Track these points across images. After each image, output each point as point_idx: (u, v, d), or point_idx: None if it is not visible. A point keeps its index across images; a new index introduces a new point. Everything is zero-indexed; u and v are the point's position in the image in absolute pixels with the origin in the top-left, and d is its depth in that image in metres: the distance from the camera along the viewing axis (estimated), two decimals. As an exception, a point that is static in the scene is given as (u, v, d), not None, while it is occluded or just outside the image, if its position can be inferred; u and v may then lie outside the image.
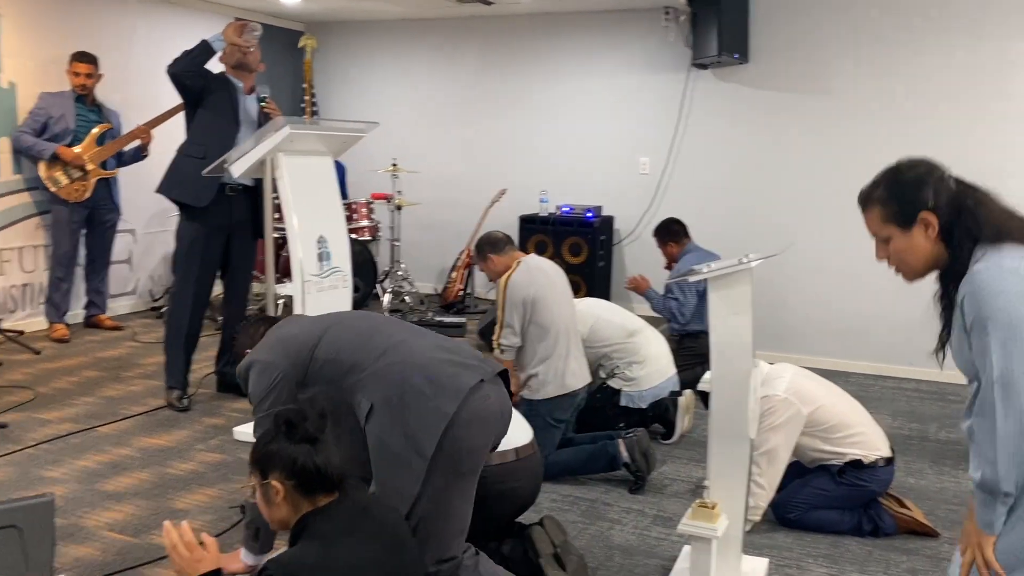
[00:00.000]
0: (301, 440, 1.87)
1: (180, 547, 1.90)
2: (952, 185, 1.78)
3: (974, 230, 1.71)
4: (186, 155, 4.15)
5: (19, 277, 5.61)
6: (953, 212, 1.74)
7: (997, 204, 1.76)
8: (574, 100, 6.83)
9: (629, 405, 4.09)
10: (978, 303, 1.64)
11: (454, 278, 6.81)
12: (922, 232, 1.78)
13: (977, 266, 1.68)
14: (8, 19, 5.41)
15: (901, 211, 1.80)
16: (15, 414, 4.09)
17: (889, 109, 5.64)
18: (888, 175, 1.87)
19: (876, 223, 1.88)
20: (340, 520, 1.85)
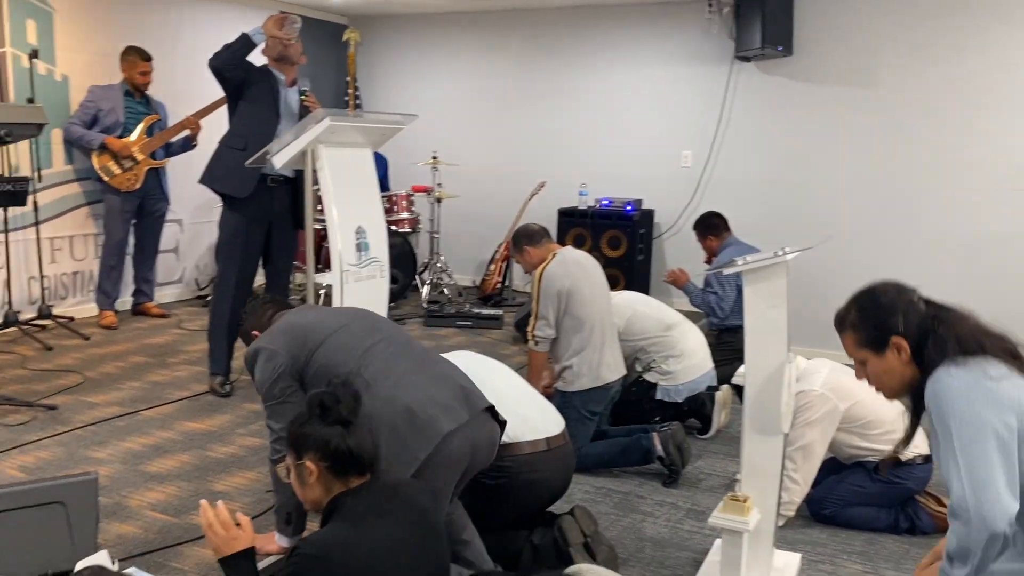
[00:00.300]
0: (334, 422, 1.90)
1: (216, 526, 1.95)
2: (922, 308, 1.86)
3: (941, 352, 1.78)
4: (228, 146, 4.22)
5: (70, 265, 5.77)
6: (922, 335, 1.81)
7: (969, 323, 1.82)
8: (615, 93, 6.81)
9: (665, 399, 4.08)
10: (938, 406, 1.72)
11: (492, 270, 6.84)
12: (895, 355, 1.86)
13: (939, 371, 1.75)
14: (61, 14, 5.56)
15: (873, 337, 1.89)
16: (64, 397, 4.22)
17: (934, 102, 5.53)
18: (859, 300, 1.96)
19: (851, 347, 1.95)
20: (371, 501, 1.88)
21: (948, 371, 1.75)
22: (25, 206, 4.49)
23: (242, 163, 4.04)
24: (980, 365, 1.73)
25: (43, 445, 3.62)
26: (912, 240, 5.64)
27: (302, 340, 2.50)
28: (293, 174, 4.28)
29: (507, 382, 3.01)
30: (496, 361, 3.14)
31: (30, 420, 3.88)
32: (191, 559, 2.73)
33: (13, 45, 5.29)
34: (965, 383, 1.70)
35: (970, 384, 1.70)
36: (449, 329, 5.98)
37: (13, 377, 4.49)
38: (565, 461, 2.93)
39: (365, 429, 1.95)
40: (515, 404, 2.90)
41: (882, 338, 1.87)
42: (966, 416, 1.68)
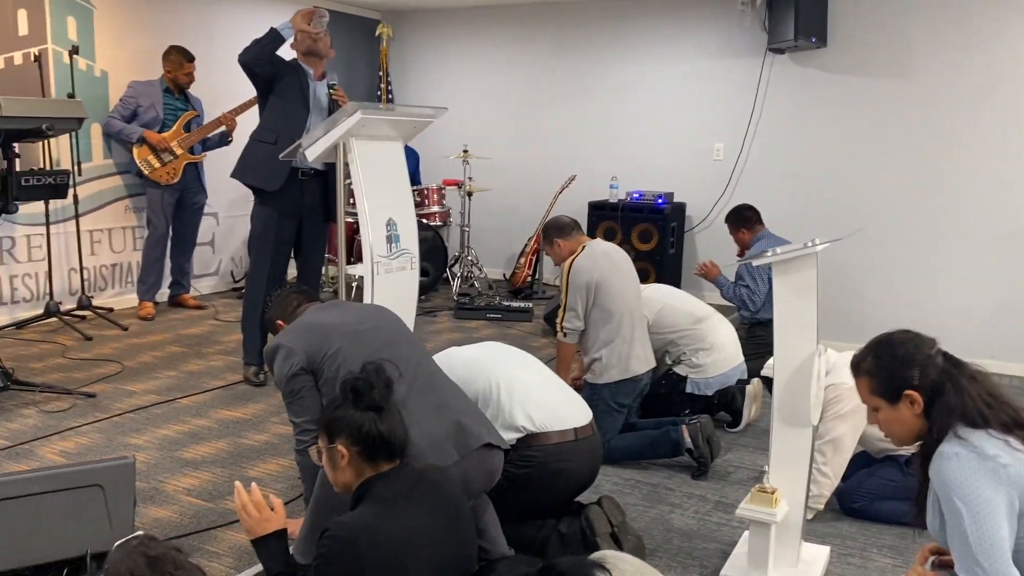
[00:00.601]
0: (367, 408, 1.93)
1: (249, 507, 2.00)
2: (939, 362, 1.85)
3: (951, 414, 1.80)
4: (258, 140, 4.28)
5: (109, 257, 5.90)
6: (937, 393, 1.82)
7: (982, 385, 1.83)
8: (646, 86, 6.78)
9: (695, 392, 4.07)
10: (944, 485, 1.74)
11: (522, 264, 6.86)
12: (908, 407, 1.87)
13: (943, 447, 1.78)
14: (101, 11, 5.67)
15: (887, 387, 1.90)
16: (103, 385, 4.31)
17: (970, 94, 5.44)
18: (877, 348, 1.95)
19: (865, 393, 1.96)
20: (400, 486, 1.91)
21: (952, 450, 1.77)
22: (66, 199, 4.59)
23: (272, 157, 4.09)
24: (980, 441, 1.76)
25: (82, 431, 3.71)
26: (947, 233, 5.55)
27: (319, 343, 2.54)
28: (324, 167, 4.33)
29: (534, 373, 3.03)
30: (524, 352, 3.16)
31: (70, 407, 3.98)
32: (225, 542, 2.79)
33: (54, 42, 5.41)
34: (966, 465, 1.73)
35: (971, 466, 1.73)
36: (479, 321, 6.01)
37: (54, 366, 4.61)
38: (592, 451, 2.94)
39: (396, 415, 1.98)
40: (542, 394, 2.92)
41: (896, 389, 1.89)
42: (971, 495, 1.71)
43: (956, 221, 5.53)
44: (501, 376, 2.91)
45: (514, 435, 2.82)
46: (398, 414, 1.99)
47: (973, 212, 5.47)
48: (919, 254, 5.64)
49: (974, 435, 1.78)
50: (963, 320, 5.48)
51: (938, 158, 5.58)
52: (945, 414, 1.81)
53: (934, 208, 5.60)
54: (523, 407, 2.84)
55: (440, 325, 5.90)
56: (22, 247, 5.35)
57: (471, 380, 2.93)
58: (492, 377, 2.91)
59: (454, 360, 3.06)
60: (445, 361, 3.07)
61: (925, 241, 5.62)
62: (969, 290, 5.47)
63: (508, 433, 2.82)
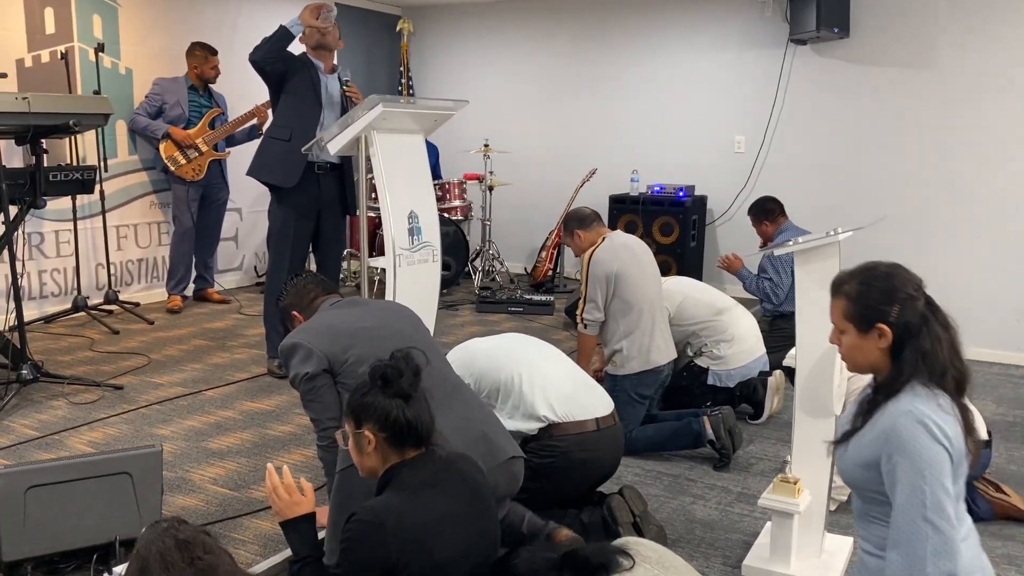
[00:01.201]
0: (395, 395, 1.95)
1: (280, 489, 2.02)
2: (919, 307, 1.83)
3: (923, 358, 1.80)
4: (272, 138, 4.31)
5: (135, 252, 5.97)
6: (909, 335, 1.81)
7: (948, 337, 1.83)
8: (668, 78, 6.76)
9: (716, 384, 4.07)
10: (894, 444, 1.76)
11: (543, 257, 6.86)
12: (876, 340, 1.85)
13: (903, 404, 1.78)
14: (125, 10, 5.74)
15: (862, 315, 1.87)
16: (130, 377, 4.38)
17: (996, 84, 5.37)
18: (863, 274, 1.92)
19: (837, 315, 1.94)
20: (425, 473, 1.93)
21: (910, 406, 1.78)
22: (93, 194, 4.65)
23: (288, 153, 4.12)
24: (934, 402, 1.78)
25: (110, 423, 3.77)
26: (972, 224, 5.49)
27: (340, 347, 2.51)
28: (339, 161, 4.35)
29: (557, 363, 3.05)
30: (544, 342, 3.18)
31: (98, 399, 4.04)
32: (251, 530, 2.83)
33: (80, 40, 5.48)
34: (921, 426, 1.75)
35: (922, 430, 1.74)
36: (500, 315, 6.03)
37: (82, 359, 4.68)
38: (614, 441, 2.95)
39: (424, 403, 1.99)
40: (564, 384, 2.94)
41: (870, 320, 1.86)
42: (924, 455, 1.73)
43: (981, 212, 5.46)
44: (523, 366, 2.93)
45: (536, 425, 2.84)
46: (425, 402, 2.00)
47: (999, 203, 5.41)
48: (944, 245, 5.58)
49: (931, 395, 1.79)
50: (989, 312, 5.42)
51: (962, 149, 5.52)
52: (916, 357, 1.81)
53: (959, 199, 5.54)
54: (545, 397, 2.86)
55: (462, 319, 5.92)
56: (50, 243, 5.43)
57: (492, 371, 2.95)
58: (514, 368, 2.92)
59: (475, 352, 3.08)
60: (465, 353, 3.09)
61: (950, 232, 5.56)
62: (995, 281, 5.41)
63: (530, 423, 2.84)
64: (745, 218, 5.30)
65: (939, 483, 1.71)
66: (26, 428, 3.65)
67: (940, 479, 1.71)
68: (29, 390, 4.03)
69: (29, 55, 5.25)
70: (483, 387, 2.95)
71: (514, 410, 2.88)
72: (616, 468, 3.01)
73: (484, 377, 2.95)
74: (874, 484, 1.83)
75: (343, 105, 4.34)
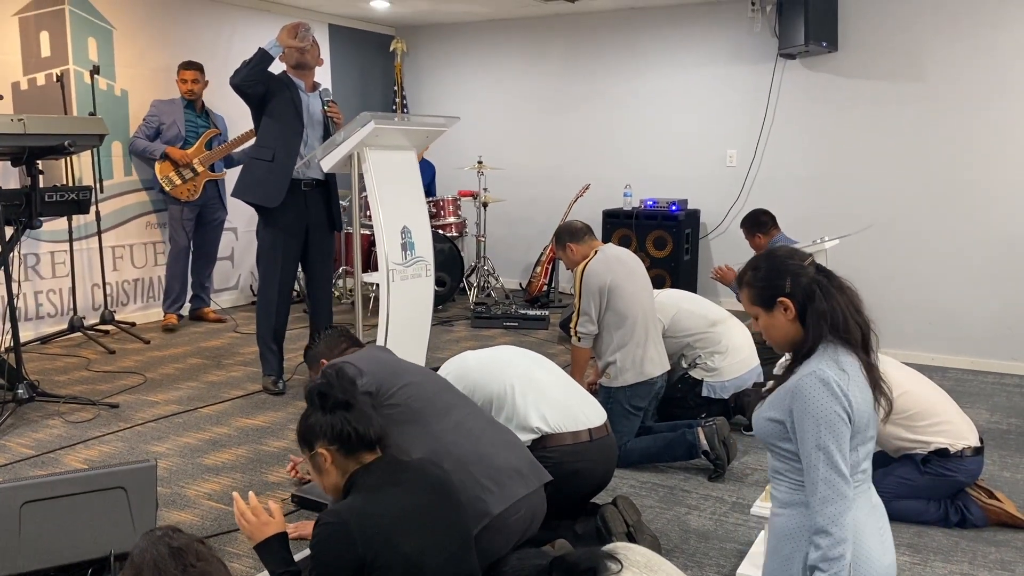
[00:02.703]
0: (335, 408, 2.00)
1: (248, 513, 2.06)
2: (811, 273, 2.02)
3: (822, 318, 1.97)
4: (255, 158, 4.34)
5: (131, 272, 5.99)
6: (809, 301, 2.00)
7: (848, 297, 2.01)
8: (659, 94, 6.82)
9: (711, 395, 4.08)
10: (798, 402, 1.93)
11: (538, 272, 6.90)
12: (782, 314, 2.03)
13: (810, 365, 1.94)
14: (120, 32, 5.80)
15: (763, 295, 2.06)
16: (126, 396, 4.39)
17: (982, 97, 5.42)
18: (755, 260, 2.14)
19: (747, 303, 2.12)
20: (386, 473, 1.99)
21: (816, 365, 1.93)
22: (88, 214, 4.68)
23: (271, 174, 4.15)
24: (838, 360, 1.94)
25: (106, 440, 3.77)
26: (964, 235, 5.52)
27: (390, 375, 2.61)
28: (324, 177, 4.38)
29: (550, 374, 3.06)
30: (537, 354, 3.19)
31: (94, 418, 4.05)
32: (245, 544, 2.83)
33: (76, 62, 5.53)
34: (821, 383, 1.91)
35: (823, 386, 1.90)
36: (495, 330, 6.05)
37: (78, 378, 4.69)
38: (607, 452, 2.96)
39: (366, 407, 2.05)
40: (558, 395, 2.95)
41: (770, 297, 2.03)
42: (828, 417, 1.90)
43: (971, 221, 5.50)
44: (516, 378, 2.94)
45: (529, 436, 2.85)
46: (368, 406, 2.05)
47: (988, 212, 5.45)
48: (934, 255, 5.62)
49: (834, 357, 1.94)
50: (981, 321, 5.45)
51: (951, 160, 5.57)
52: (816, 319, 1.98)
53: (948, 209, 5.58)
54: (537, 408, 2.87)
55: (457, 334, 5.94)
56: (46, 263, 5.46)
57: (485, 383, 2.96)
58: (506, 379, 2.94)
59: (468, 364, 3.09)
60: (459, 365, 3.11)
61: (940, 242, 5.60)
62: (986, 291, 5.44)
63: (523, 435, 2.85)
64: (738, 231, 5.34)
65: (833, 438, 1.88)
66: (22, 447, 3.65)
67: (836, 435, 1.88)
68: (25, 409, 4.04)
69: (25, 78, 5.30)
70: (476, 399, 2.96)
71: (507, 421, 2.89)
72: (610, 479, 3.02)
73: (478, 389, 2.97)
74: (777, 437, 1.99)
75: (325, 124, 4.37)
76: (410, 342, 3.83)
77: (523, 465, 2.55)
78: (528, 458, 2.61)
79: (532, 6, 6.79)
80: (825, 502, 1.88)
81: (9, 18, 5.19)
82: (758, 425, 2.06)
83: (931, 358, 5.54)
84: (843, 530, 1.87)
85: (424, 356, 3.94)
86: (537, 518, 2.56)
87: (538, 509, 2.56)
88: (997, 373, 5.34)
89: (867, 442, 1.97)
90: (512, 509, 2.42)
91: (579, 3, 6.64)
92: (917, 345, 5.63)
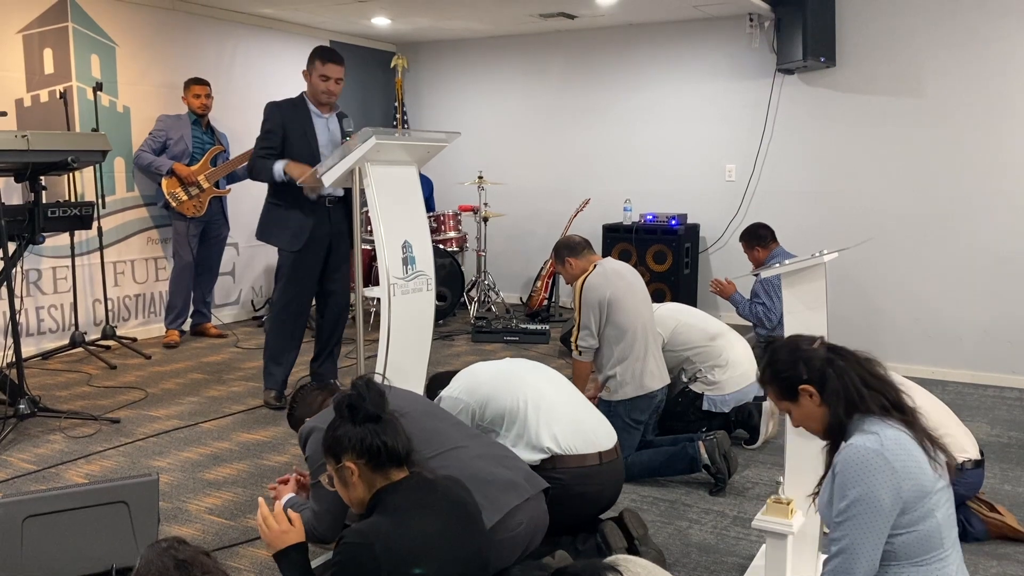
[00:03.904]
0: (364, 420, 1.99)
1: (270, 519, 2.05)
2: (822, 353, 2.00)
3: (837, 396, 1.94)
4: (273, 203, 4.35)
5: (133, 288, 6.01)
6: (825, 382, 1.97)
7: (865, 368, 1.97)
8: (658, 109, 6.86)
9: (711, 409, 4.08)
10: (842, 479, 1.85)
11: (539, 287, 6.91)
12: (809, 401, 2.00)
13: (850, 441, 1.88)
14: (123, 49, 5.84)
15: (785, 389, 2.04)
16: (127, 411, 4.39)
17: (980, 111, 5.45)
18: (767, 357, 2.12)
19: (774, 400, 2.11)
20: (411, 494, 1.95)
21: (859, 442, 1.87)
22: (90, 229, 4.70)
23: (289, 219, 4.22)
24: (875, 427, 1.88)
25: (107, 455, 3.78)
26: (963, 250, 5.54)
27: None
28: (344, 193, 4.40)
29: (561, 392, 3.03)
30: (555, 372, 3.16)
31: (95, 433, 4.05)
32: (247, 558, 2.83)
33: (78, 79, 5.57)
34: (867, 460, 1.83)
35: (872, 463, 1.82)
36: (496, 344, 6.06)
37: (79, 394, 4.69)
38: (616, 475, 2.94)
39: (396, 422, 2.03)
40: (570, 415, 2.92)
41: (792, 388, 2.01)
42: (863, 490, 1.82)
43: (971, 236, 5.52)
44: (529, 394, 2.92)
45: (539, 456, 2.82)
46: (397, 421, 2.04)
47: (988, 226, 5.47)
48: (934, 271, 5.63)
49: (870, 420, 1.89)
50: (981, 335, 5.46)
51: (949, 174, 5.60)
52: (833, 398, 1.94)
53: (948, 223, 5.60)
54: (549, 427, 2.85)
55: (458, 348, 5.94)
56: (48, 279, 5.47)
57: (497, 397, 2.94)
58: (519, 394, 2.91)
59: (479, 377, 3.06)
60: (470, 379, 3.08)
61: (940, 257, 5.61)
62: (985, 305, 5.45)
63: (533, 454, 2.82)
64: (738, 245, 5.36)
65: (868, 523, 1.80)
66: (23, 462, 3.65)
67: (873, 512, 1.79)
68: (26, 424, 4.04)
69: (28, 95, 5.33)
70: (488, 414, 2.94)
71: (518, 439, 2.87)
72: (615, 500, 2.99)
73: (489, 403, 2.94)
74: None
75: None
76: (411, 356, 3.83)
77: (516, 475, 2.52)
78: (523, 468, 2.59)
79: (532, 22, 6.84)
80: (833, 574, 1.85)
81: (13, 35, 5.23)
82: (822, 513, 1.99)
83: (931, 371, 5.55)
84: None
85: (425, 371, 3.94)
86: (539, 527, 2.54)
87: (539, 518, 2.53)
88: (997, 386, 5.35)
89: (934, 511, 1.83)
90: (508, 518, 2.40)
91: (578, 19, 6.69)
92: (917, 358, 5.63)
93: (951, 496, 1.90)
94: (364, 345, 3.88)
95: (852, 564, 1.83)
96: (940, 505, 1.84)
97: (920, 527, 1.82)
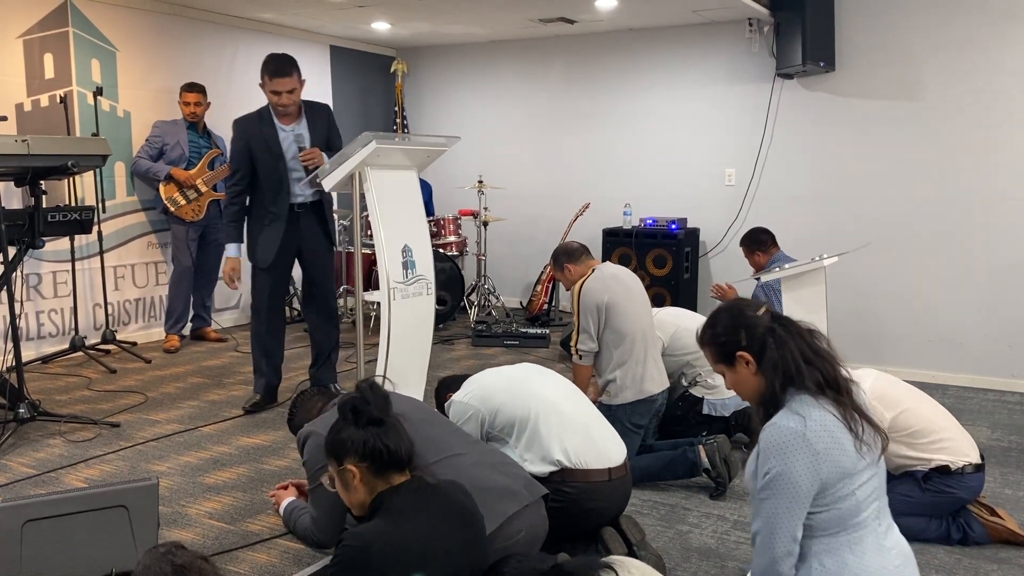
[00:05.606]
0: (367, 424, 1.98)
1: None
2: (765, 322, 2.00)
3: (774, 368, 1.94)
4: (250, 219, 4.44)
5: (133, 292, 6.01)
6: (763, 351, 1.95)
7: (805, 342, 1.96)
8: (658, 114, 6.87)
9: (712, 413, 4.08)
10: (764, 457, 1.89)
11: (539, 291, 6.91)
12: (744, 367, 2.01)
13: (775, 418, 1.90)
14: (123, 53, 5.85)
15: (723, 352, 2.05)
16: (127, 415, 4.39)
17: (979, 114, 5.46)
18: (710, 318, 2.12)
19: (711, 361, 2.11)
20: (412, 498, 1.95)
21: (779, 422, 1.89)
22: (90, 234, 4.71)
23: (260, 235, 4.34)
24: (803, 406, 1.90)
25: (107, 459, 3.77)
26: (960, 253, 5.54)
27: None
28: (318, 197, 4.42)
29: (575, 404, 3.01)
30: (567, 380, 3.14)
31: (95, 437, 4.05)
32: (246, 563, 2.83)
33: (79, 83, 5.58)
34: (787, 439, 1.86)
35: (793, 443, 1.85)
36: (496, 348, 6.05)
37: (79, 398, 4.69)
38: (624, 490, 2.92)
39: (398, 427, 2.03)
40: (580, 428, 2.89)
41: (729, 353, 2.02)
42: (780, 472, 1.86)
43: (971, 240, 5.52)
44: (541, 403, 2.89)
45: (548, 468, 2.79)
46: (400, 425, 2.04)
47: (986, 230, 5.47)
48: (934, 274, 5.63)
49: (808, 408, 1.88)
50: (981, 339, 5.46)
51: (949, 178, 5.60)
52: (769, 368, 1.94)
53: (948, 227, 5.60)
54: (560, 439, 2.82)
55: (458, 353, 5.94)
56: (48, 283, 5.47)
57: (508, 405, 2.91)
58: (531, 404, 2.88)
59: (491, 383, 3.02)
60: (480, 388, 3.01)
61: (939, 260, 5.61)
62: (985, 309, 5.45)
63: (543, 466, 2.80)
64: (738, 249, 5.37)
65: (788, 504, 1.85)
66: (23, 466, 3.65)
67: (791, 492, 1.84)
68: (26, 429, 4.04)
69: (28, 99, 5.34)
70: (498, 422, 2.91)
71: (527, 448, 2.84)
72: (621, 513, 2.97)
73: (500, 411, 2.91)
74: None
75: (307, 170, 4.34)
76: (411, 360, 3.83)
77: (514, 483, 2.52)
78: (522, 475, 2.57)
79: (531, 27, 6.85)
80: (758, 554, 1.90)
81: (14, 40, 5.24)
82: (747, 485, 2.03)
83: (931, 376, 5.55)
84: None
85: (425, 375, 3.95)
86: (538, 534, 2.54)
87: (538, 526, 2.53)
88: (998, 391, 5.34)
89: (855, 490, 1.89)
90: (506, 526, 2.40)
91: (578, 24, 6.70)
92: (917, 363, 5.63)
93: (879, 471, 1.95)
94: (364, 349, 3.88)
95: (771, 539, 1.88)
96: (863, 483, 1.89)
97: (840, 505, 1.87)
